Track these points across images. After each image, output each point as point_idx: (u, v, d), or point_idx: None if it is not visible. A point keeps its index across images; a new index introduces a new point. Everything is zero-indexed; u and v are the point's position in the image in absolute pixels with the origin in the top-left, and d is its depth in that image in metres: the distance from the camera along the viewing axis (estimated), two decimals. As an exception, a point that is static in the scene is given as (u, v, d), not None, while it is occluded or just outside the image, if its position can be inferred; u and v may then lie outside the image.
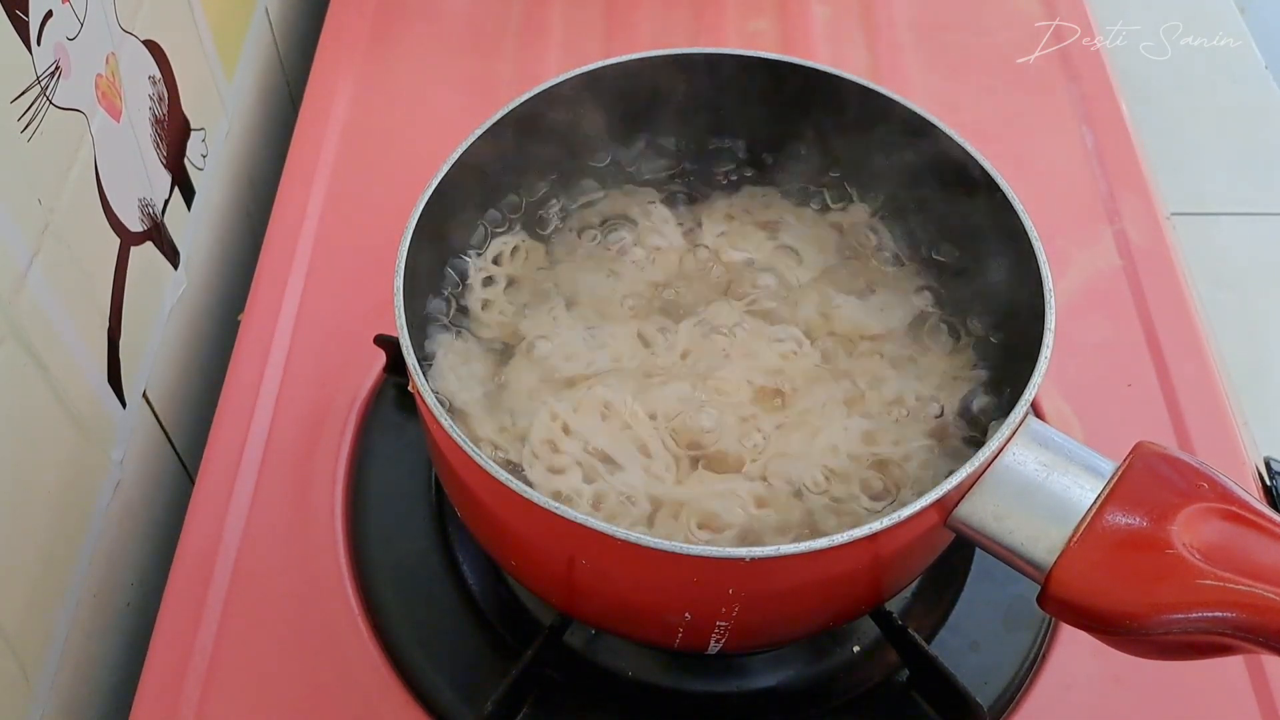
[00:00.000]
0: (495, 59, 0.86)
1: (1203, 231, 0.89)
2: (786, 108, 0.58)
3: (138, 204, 0.64)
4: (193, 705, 0.56)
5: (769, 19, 0.89)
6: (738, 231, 0.59)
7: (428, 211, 0.50)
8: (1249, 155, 0.97)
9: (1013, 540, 0.43)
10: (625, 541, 0.41)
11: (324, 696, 0.56)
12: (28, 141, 0.51)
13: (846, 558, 0.43)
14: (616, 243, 0.59)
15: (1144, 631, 0.40)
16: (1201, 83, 1.00)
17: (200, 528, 0.61)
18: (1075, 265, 0.73)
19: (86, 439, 0.57)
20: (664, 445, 0.51)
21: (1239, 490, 0.42)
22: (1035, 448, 0.44)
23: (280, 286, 0.72)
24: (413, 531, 0.61)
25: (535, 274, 0.58)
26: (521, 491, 0.42)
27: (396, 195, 0.52)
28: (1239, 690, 0.56)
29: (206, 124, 0.75)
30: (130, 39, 0.63)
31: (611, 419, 0.51)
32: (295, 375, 0.68)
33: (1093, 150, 0.80)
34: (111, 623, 0.61)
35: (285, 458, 0.64)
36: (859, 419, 0.52)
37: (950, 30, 0.89)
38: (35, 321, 0.52)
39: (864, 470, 0.50)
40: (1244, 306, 0.84)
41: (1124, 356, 0.69)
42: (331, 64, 0.85)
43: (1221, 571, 0.39)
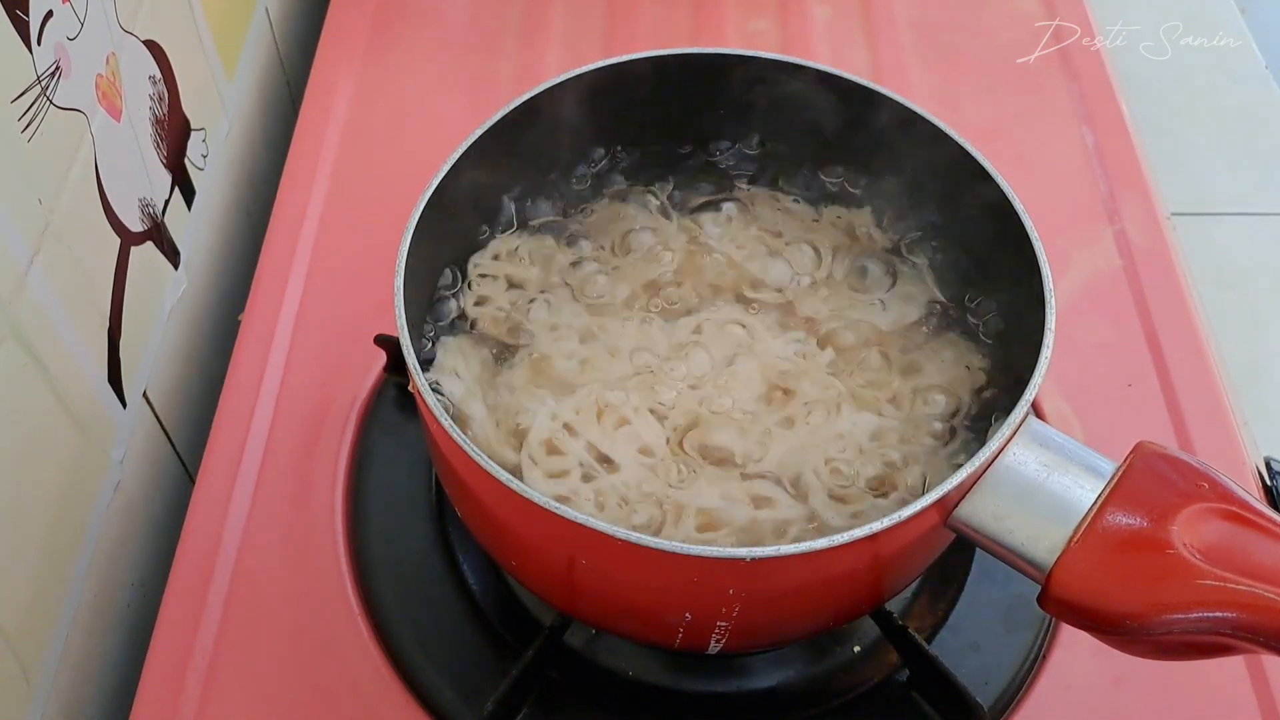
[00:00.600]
0: (496, 59, 0.86)
1: (1203, 231, 0.89)
2: (786, 108, 0.58)
3: (138, 204, 0.64)
4: (193, 705, 0.56)
5: (769, 19, 0.89)
6: (742, 232, 0.59)
7: (428, 211, 0.50)
8: (1249, 155, 0.97)
9: (1013, 540, 0.43)
10: (626, 542, 0.41)
11: (324, 696, 0.56)
12: (28, 142, 0.51)
13: (847, 558, 0.43)
14: (619, 242, 0.59)
15: (1144, 631, 0.40)
16: (1202, 83, 1.00)
17: (200, 527, 0.61)
18: (1075, 265, 0.73)
19: (87, 439, 0.57)
20: (666, 445, 0.51)
21: (1239, 490, 0.42)
22: (1036, 448, 0.44)
23: (280, 286, 0.72)
24: (413, 531, 0.61)
25: (536, 273, 0.57)
26: (522, 492, 0.42)
27: (397, 195, 0.52)
28: (1239, 690, 0.56)
29: (207, 124, 0.75)
30: (130, 39, 0.63)
31: (612, 418, 0.51)
32: (295, 375, 0.68)
33: (1093, 150, 0.80)
34: (112, 623, 0.61)
35: (285, 458, 0.64)
36: (865, 416, 0.52)
37: (950, 30, 0.89)
38: (35, 321, 0.52)
39: (868, 467, 0.50)
40: (1244, 306, 0.84)
41: (1124, 356, 0.69)
42: (332, 64, 0.85)
43: (1222, 571, 0.39)
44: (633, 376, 0.53)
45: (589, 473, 0.49)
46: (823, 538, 0.41)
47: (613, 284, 0.57)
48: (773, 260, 0.58)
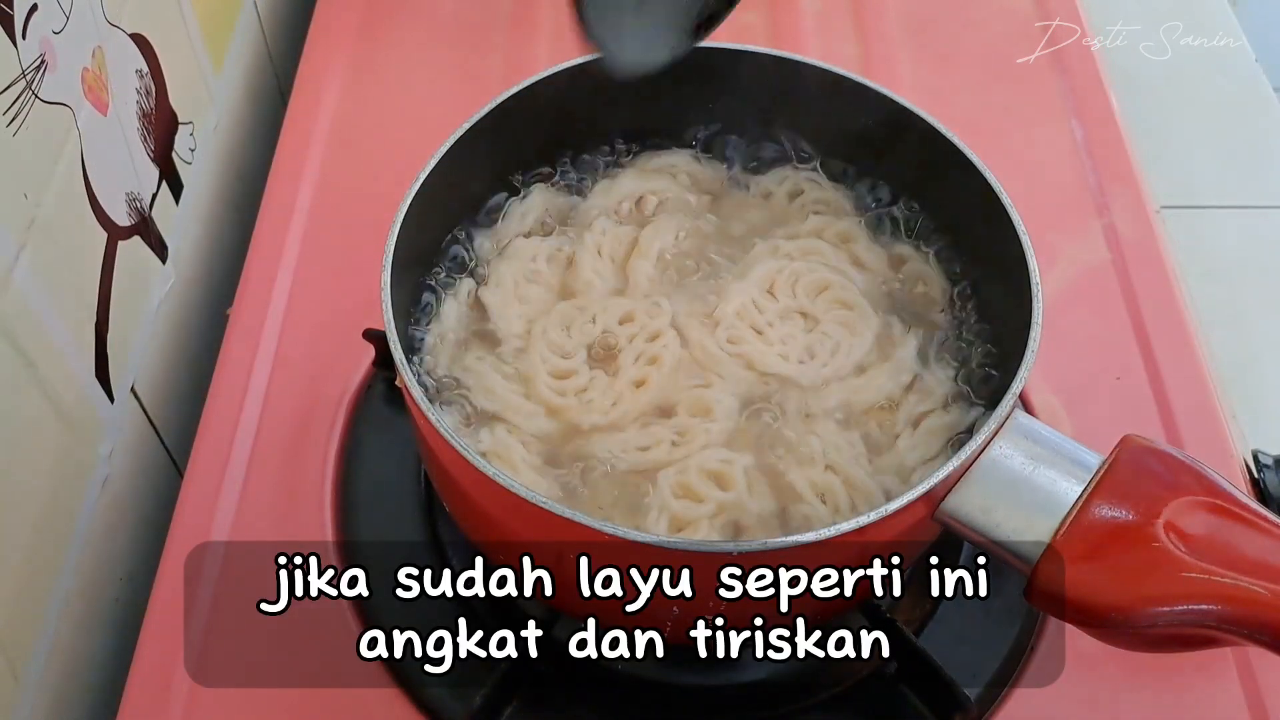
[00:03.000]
0: (485, 52, 0.86)
1: (1192, 225, 0.89)
2: (762, 97, 0.58)
3: (125, 198, 0.64)
4: (181, 700, 0.55)
5: (759, 12, 0.89)
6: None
7: (415, 205, 0.50)
8: (1239, 148, 0.96)
9: (1000, 533, 0.43)
10: (614, 537, 0.41)
11: (313, 690, 0.56)
12: (13, 136, 0.51)
13: (833, 551, 0.43)
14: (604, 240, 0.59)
15: (1130, 624, 0.40)
16: (1191, 76, 1.00)
17: (189, 522, 0.61)
18: (1064, 258, 0.73)
19: (74, 434, 0.57)
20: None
21: (1224, 483, 0.42)
22: (1022, 441, 0.44)
23: (269, 281, 0.71)
24: (402, 525, 0.61)
25: (525, 268, 0.57)
26: (510, 486, 0.42)
27: (386, 188, 0.52)
28: (1227, 682, 0.56)
29: (194, 117, 0.74)
30: (117, 32, 0.63)
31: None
32: (284, 369, 0.67)
33: (1082, 144, 0.80)
34: (100, 618, 0.61)
35: (274, 452, 0.64)
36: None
37: (940, 24, 0.89)
38: (22, 317, 0.52)
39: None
40: (1233, 300, 0.83)
41: (1112, 349, 0.69)
42: (320, 57, 0.85)
43: (1207, 564, 0.40)
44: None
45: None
46: (809, 532, 0.41)
47: (597, 281, 0.57)
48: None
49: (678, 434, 0.51)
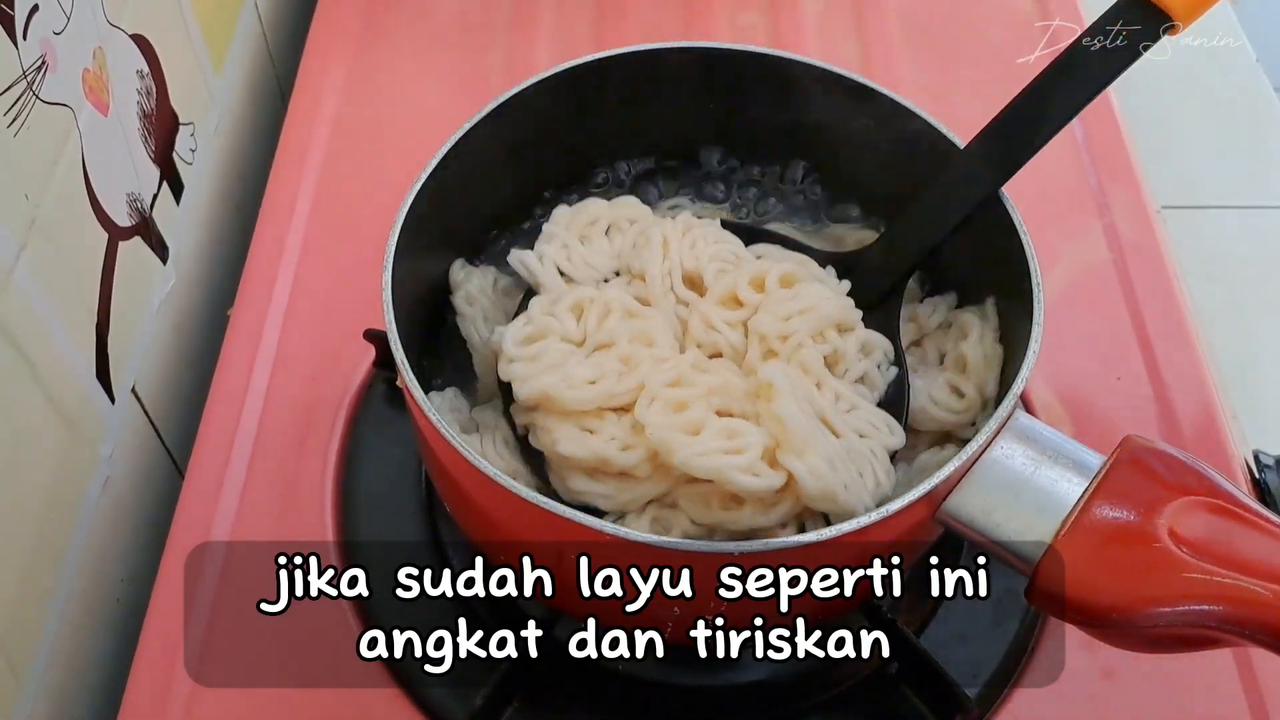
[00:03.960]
0: (486, 51, 0.86)
1: (1193, 224, 0.89)
2: (763, 101, 0.58)
3: (126, 199, 0.64)
4: (182, 700, 0.55)
5: (759, 12, 0.89)
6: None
7: (417, 205, 0.50)
8: (1239, 148, 0.97)
9: (1001, 534, 0.43)
10: (614, 537, 0.41)
11: (313, 690, 0.56)
12: (14, 137, 0.51)
13: (834, 551, 0.43)
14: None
15: (1131, 625, 0.40)
16: (1191, 75, 1.00)
17: (190, 523, 0.61)
18: (1065, 258, 0.73)
19: (75, 435, 0.57)
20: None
21: (1225, 484, 0.42)
22: (1023, 442, 0.44)
23: (270, 281, 0.71)
24: (402, 525, 0.61)
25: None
26: (511, 488, 0.42)
27: (387, 189, 0.52)
28: (1228, 682, 0.56)
29: (195, 118, 0.74)
30: (118, 33, 0.63)
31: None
32: (285, 370, 0.67)
33: (1082, 143, 0.80)
34: (101, 619, 0.61)
35: (275, 453, 0.64)
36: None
37: (940, 24, 0.89)
38: (22, 317, 0.52)
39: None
40: (1233, 299, 0.84)
41: (1113, 349, 0.69)
42: (321, 57, 0.85)
43: (1208, 565, 0.40)
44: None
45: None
46: (810, 532, 0.41)
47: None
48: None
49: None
